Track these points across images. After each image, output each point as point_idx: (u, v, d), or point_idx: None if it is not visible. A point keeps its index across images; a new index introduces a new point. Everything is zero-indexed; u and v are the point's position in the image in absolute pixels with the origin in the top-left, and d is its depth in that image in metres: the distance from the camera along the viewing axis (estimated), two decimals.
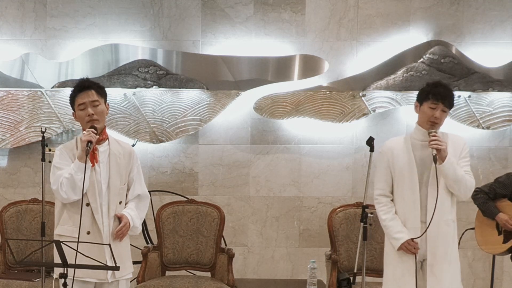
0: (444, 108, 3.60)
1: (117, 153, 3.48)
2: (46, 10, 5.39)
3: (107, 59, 5.34)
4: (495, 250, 4.49)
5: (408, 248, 3.63)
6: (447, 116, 3.69)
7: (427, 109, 3.62)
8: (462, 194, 3.64)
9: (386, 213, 3.73)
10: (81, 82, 3.47)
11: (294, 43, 5.43)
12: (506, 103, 5.40)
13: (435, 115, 3.59)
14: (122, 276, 3.48)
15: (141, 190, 3.59)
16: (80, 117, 3.42)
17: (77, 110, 3.43)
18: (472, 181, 3.65)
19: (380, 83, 5.38)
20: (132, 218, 3.47)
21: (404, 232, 3.64)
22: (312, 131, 5.46)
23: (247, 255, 5.53)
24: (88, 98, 3.40)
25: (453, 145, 3.64)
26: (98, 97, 3.43)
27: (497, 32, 5.45)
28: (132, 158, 3.56)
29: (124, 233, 3.44)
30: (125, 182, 3.52)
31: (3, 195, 5.40)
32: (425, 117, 3.63)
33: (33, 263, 4.70)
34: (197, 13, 5.44)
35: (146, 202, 3.64)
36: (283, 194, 5.50)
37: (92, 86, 3.44)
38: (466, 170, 3.64)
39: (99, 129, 3.40)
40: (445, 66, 5.35)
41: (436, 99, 3.58)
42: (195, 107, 5.36)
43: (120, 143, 3.57)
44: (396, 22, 5.45)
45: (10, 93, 5.32)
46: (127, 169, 3.53)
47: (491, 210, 4.40)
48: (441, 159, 3.53)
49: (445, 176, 3.56)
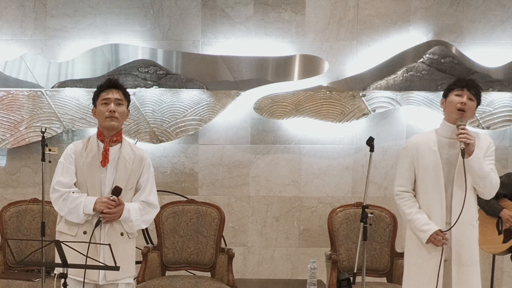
0: (471, 96, 3.55)
1: (127, 157, 3.47)
2: (46, 10, 5.39)
3: (107, 59, 5.34)
4: (495, 249, 4.49)
5: (437, 239, 3.53)
6: (475, 108, 3.61)
7: (453, 97, 3.57)
8: (486, 191, 3.58)
9: (410, 207, 3.65)
10: (111, 80, 3.52)
11: (294, 43, 5.43)
12: (506, 103, 5.40)
13: (462, 101, 3.53)
14: (117, 279, 3.42)
15: (146, 198, 3.52)
16: (100, 112, 3.43)
17: (99, 104, 3.44)
18: (497, 179, 3.59)
19: (380, 83, 5.38)
20: (129, 211, 3.42)
21: (431, 224, 3.55)
22: (312, 131, 5.46)
23: (247, 255, 5.53)
24: (113, 95, 3.43)
25: (479, 143, 3.56)
26: (123, 97, 3.47)
27: (497, 32, 5.45)
28: (143, 165, 3.53)
29: (111, 217, 3.37)
30: (131, 187, 3.48)
31: (3, 195, 5.40)
32: (452, 106, 3.56)
33: (33, 263, 4.69)
34: (197, 13, 5.44)
35: (153, 210, 3.56)
36: (283, 194, 5.50)
37: (120, 87, 3.50)
38: (491, 167, 3.58)
39: (116, 129, 3.44)
40: (445, 66, 5.35)
41: (461, 86, 3.56)
42: (195, 107, 5.36)
43: (133, 147, 3.56)
44: (396, 22, 5.45)
45: (10, 93, 5.32)
46: (136, 175, 3.50)
47: (494, 208, 4.40)
48: (468, 153, 3.46)
49: (472, 171, 3.49)
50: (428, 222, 3.57)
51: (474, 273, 3.60)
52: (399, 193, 3.71)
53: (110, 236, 3.40)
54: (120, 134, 3.49)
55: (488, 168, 3.56)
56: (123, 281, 3.47)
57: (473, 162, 3.47)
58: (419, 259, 3.64)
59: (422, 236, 3.58)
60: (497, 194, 4.39)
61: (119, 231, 3.44)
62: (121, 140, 3.50)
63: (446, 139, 3.61)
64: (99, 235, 3.38)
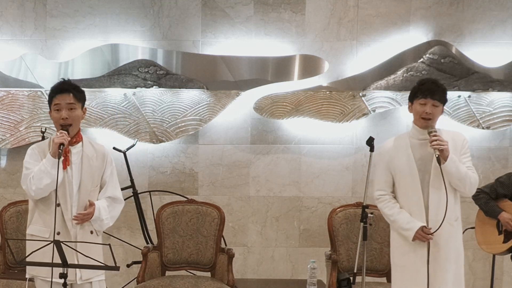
0: (435, 102, 3.60)
1: (90, 155, 3.46)
2: (46, 10, 5.39)
3: (107, 59, 5.34)
4: (495, 249, 4.49)
5: (422, 235, 3.57)
6: (441, 111, 3.67)
7: (417, 106, 3.63)
8: (467, 191, 3.63)
9: (392, 208, 3.71)
10: (60, 84, 3.44)
11: (294, 43, 5.43)
12: (506, 103, 5.40)
13: (426, 111, 3.59)
14: (91, 278, 3.41)
15: (112, 193, 3.52)
16: (54, 118, 3.42)
17: (52, 110, 3.42)
18: (475, 176, 3.63)
19: (380, 83, 5.38)
20: (100, 210, 3.42)
21: (415, 222, 3.59)
22: (312, 131, 5.46)
23: (247, 255, 5.53)
24: (64, 101, 3.37)
25: (453, 142, 3.62)
26: (75, 100, 3.40)
27: (497, 32, 5.45)
28: (105, 161, 3.53)
29: (83, 219, 3.37)
30: (97, 184, 3.49)
31: (3, 195, 5.40)
32: (417, 114, 3.64)
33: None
34: (197, 13, 5.44)
35: (118, 205, 3.57)
36: (283, 194, 5.50)
37: (71, 90, 3.41)
38: (468, 166, 3.62)
39: (72, 133, 3.39)
40: (445, 66, 5.35)
41: (424, 95, 3.59)
42: (195, 107, 5.36)
43: (94, 145, 3.55)
44: (396, 22, 5.45)
45: (10, 93, 5.32)
46: (100, 171, 3.50)
47: (494, 209, 4.40)
48: (444, 158, 3.52)
49: (449, 175, 3.54)
50: (411, 220, 3.62)
51: (450, 272, 3.61)
52: (379, 197, 3.78)
53: (80, 235, 3.40)
54: (79, 134, 3.47)
55: (465, 168, 3.59)
56: (97, 279, 3.47)
57: (450, 167, 3.53)
58: (403, 260, 3.68)
59: (407, 235, 3.63)
60: (497, 194, 4.43)
61: (89, 230, 3.44)
62: (81, 139, 3.48)
63: (417, 141, 3.67)
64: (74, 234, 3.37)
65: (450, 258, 3.63)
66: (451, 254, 3.64)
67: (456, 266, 3.66)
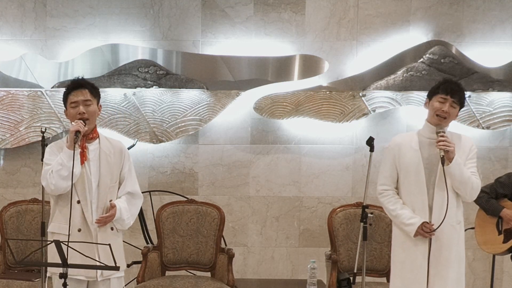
0: (454, 103, 3.59)
1: (107, 151, 3.48)
2: (46, 10, 5.39)
3: (107, 59, 5.34)
4: (495, 250, 4.49)
5: (424, 231, 3.56)
6: (456, 115, 3.66)
7: (436, 102, 3.61)
8: (467, 195, 3.62)
9: (394, 203, 3.69)
10: (75, 81, 3.49)
11: (294, 43, 5.43)
12: (506, 103, 5.39)
13: (443, 109, 3.57)
14: (111, 275, 3.44)
15: (131, 188, 3.56)
16: (71, 115, 3.44)
17: (69, 108, 3.45)
18: (478, 182, 3.62)
19: (380, 83, 5.38)
20: (121, 211, 3.44)
21: (417, 217, 3.58)
22: (312, 131, 5.46)
23: (247, 255, 5.53)
24: (81, 97, 3.41)
25: (461, 146, 3.61)
26: (91, 97, 3.45)
27: (497, 32, 5.45)
28: (123, 156, 3.55)
29: (106, 221, 3.39)
30: (116, 180, 3.51)
31: (3, 195, 5.40)
32: (433, 111, 3.61)
33: (33, 263, 4.70)
34: (197, 13, 5.44)
35: (139, 201, 3.61)
36: (283, 194, 5.50)
37: (86, 86, 3.46)
38: (472, 171, 3.62)
39: (89, 129, 3.41)
40: (445, 66, 5.35)
41: (446, 93, 3.58)
42: (195, 107, 5.36)
43: (110, 141, 3.56)
44: (396, 22, 5.45)
45: (10, 93, 5.32)
46: (118, 166, 3.52)
47: (495, 207, 4.40)
48: (449, 160, 3.50)
49: (451, 177, 3.54)
50: (413, 216, 3.61)
51: (451, 274, 3.60)
52: (382, 192, 3.77)
53: (101, 232, 3.41)
54: (95, 130, 3.50)
55: (469, 173, 3.59)
56: (115, 276, 3.49)
57: (453, 169, 3.52)
58: (404, 256, 3.67)
59: (409, 230, 3.61)
60: (497, 194, 4.43)
61: (109, 226, 3.45)
62: (98, 136, 3.51)
63: (427, 139, 3.65)
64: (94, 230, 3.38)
65: (452, 261, 3.62)
66: (452, 257, 3.62)
67: (457, 270, 3.64)
